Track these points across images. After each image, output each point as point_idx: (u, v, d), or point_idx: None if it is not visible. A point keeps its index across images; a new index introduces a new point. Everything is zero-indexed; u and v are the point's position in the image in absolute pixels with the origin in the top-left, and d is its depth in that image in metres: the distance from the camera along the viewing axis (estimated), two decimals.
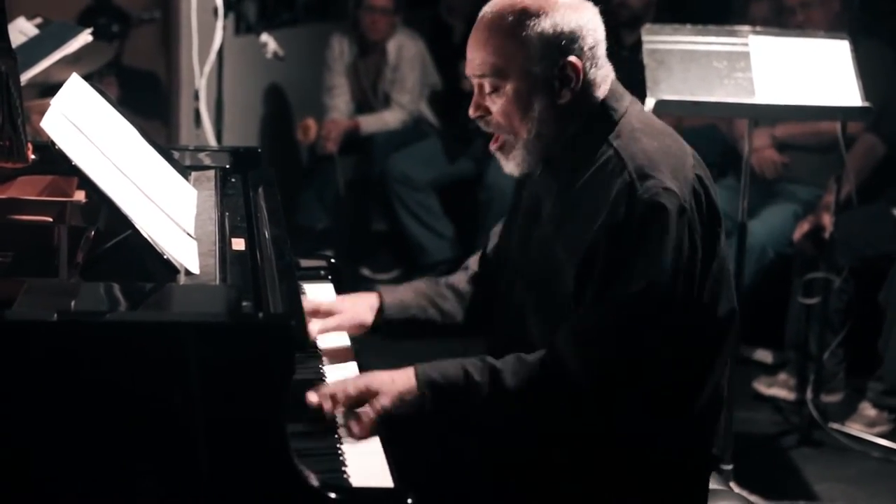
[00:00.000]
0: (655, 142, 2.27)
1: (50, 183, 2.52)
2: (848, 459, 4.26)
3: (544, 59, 2.26)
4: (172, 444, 1.91)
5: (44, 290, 2.05)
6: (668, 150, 2.27)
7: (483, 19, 2.31)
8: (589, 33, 2.29)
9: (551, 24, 2.26)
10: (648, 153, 2.24)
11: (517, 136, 2.32)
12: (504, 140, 2.35)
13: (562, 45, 2.26)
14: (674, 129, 2.40)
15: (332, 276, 2.94)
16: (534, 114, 2.28)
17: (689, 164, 2.27)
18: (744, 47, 3.67)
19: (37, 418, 1.89)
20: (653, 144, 2.26)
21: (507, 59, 2.27)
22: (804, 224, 4.64)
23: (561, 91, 2.28)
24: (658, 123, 2.37)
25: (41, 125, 2.11)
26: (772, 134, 5.03)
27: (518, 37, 2.26)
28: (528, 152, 2.33)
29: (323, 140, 6.12)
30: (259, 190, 2.74)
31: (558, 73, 2.27)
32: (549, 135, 2.30)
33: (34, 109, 3.15)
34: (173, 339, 1.91)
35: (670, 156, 2.26)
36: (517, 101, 2.28)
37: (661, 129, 2.35)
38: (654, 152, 2.24)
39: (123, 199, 2.13)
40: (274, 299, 2.14)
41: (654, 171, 2.20)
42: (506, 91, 2.28)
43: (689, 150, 2.33)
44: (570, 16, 2.28)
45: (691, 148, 2.36)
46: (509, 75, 2.27)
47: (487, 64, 2.28)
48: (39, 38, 3.38)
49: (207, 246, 2.31)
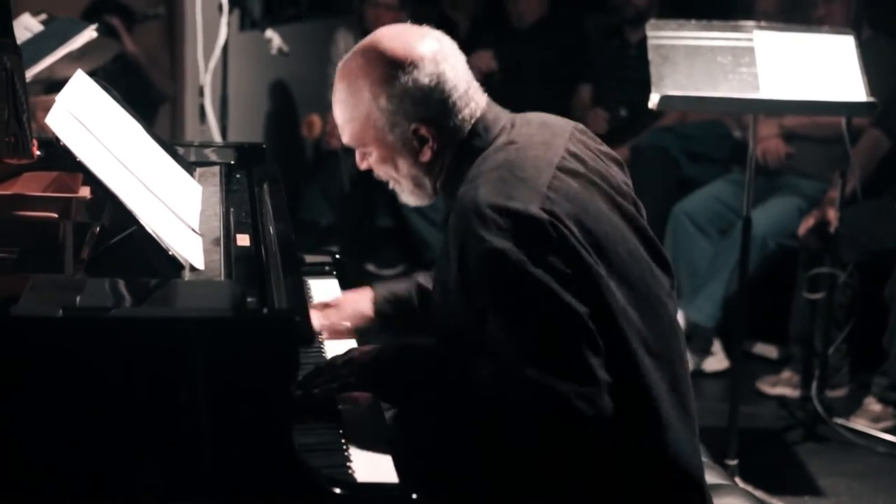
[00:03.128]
0: (500, 173, 2.17)
1: (55, 179, 2.53)
2: (853, 455, 4.25)
3: (395, 129, 2.26)
4: (178, 439, 1.92)
5: (49, 286, 2.06)
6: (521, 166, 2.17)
7: (335, 86, 2.32)
8: (433, 91, 2.25)
9: (389, 97, 2.24)
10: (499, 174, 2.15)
11: (400, 184, 2.36)
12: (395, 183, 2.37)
13: (408, 112, 2.25)
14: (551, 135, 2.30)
15: (336, 271, 2.95)
16: (402, 172, 2.32)
17: (543, 177, 2.16)
18: (748, 42, 3.67)
19: (42, 414, 1.89)
20: (494, 177, 2.16)
21: (362, 132, 2.29)
22: (809, 219, 4.64)
23: (422, 150, 2.28)
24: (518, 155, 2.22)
25: (46, 121, 2.12)
26: (780, 123, 5.02)
27: (363, 113, 2.27)
28: (415, 196, 2.37)
29: (328, 136, 6.12)
30: (264, 186, 2.75)
31: (413, 136, 2.27)
32: (427, 182, 2.33)
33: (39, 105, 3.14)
34: (178, 334, 1.92)
35: (523, 172, 2.16)
36: (384, 164, 2.32)
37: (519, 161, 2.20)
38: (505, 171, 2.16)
39: (128, 196, 2.14)
40: (279, 295, 2.14)
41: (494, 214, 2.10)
42: (374, 156, 2.32)
43: (555, 161, 2.21)
44: (408, 80, 2.23)
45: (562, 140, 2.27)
46: (369, 144, 2.31)
47: (350, 137, 2.32)
48: (44, 34, 3.39)
49: (212, 242, 2.31)
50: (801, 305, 4.66)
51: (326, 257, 3.00)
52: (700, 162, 5.48)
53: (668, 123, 5.58)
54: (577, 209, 2.17)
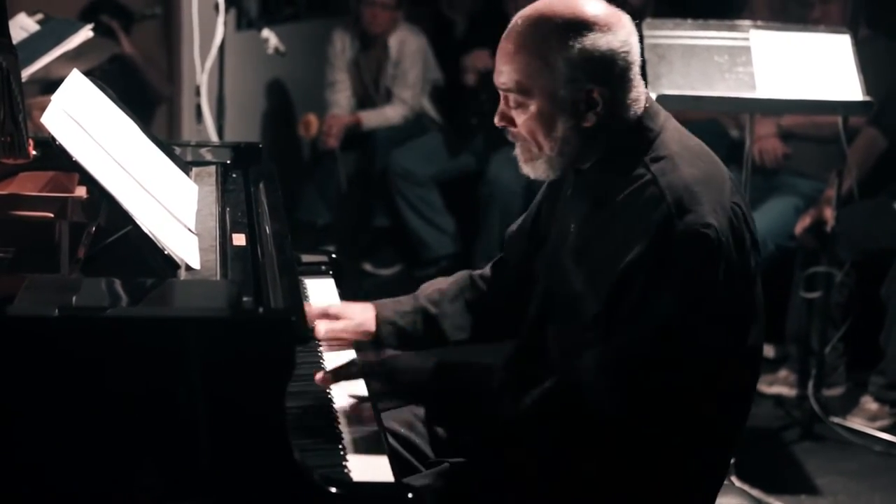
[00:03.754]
0: (695, 169, 2.20)
1: (51, 179, 2.53)
2: (849, 453, 4.26)
3: (570, 84, 2.19)
4: (173, 440, 1.92)
5: (45, 286, 2.06)
6: (709, 178, 2.20)
7: (514, 30, 2.23)
8: (619, 57, 2.20)
9: (579, 49, 2.18)
10: (688, 184, 2.16)
11: (540, 150, 2.26)
12: (526, 148, 2.28)
13: (589, 71, 2.19)
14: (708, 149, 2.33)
15: (333, 271, 2.94)
16: (557, 133, 2.22)
17: (727, 191, 2.20)
18: (745, 42, 3.67)
19: (38, 414, 1.89)
20: (692, 172, 2.19)
21: (533, 78, 2.20)
22: (806, 218, 4.64)
23: (586, 115, 2.21)
24: (695, 144, 2.29)
25: (42, 121, 2.11)
26: (777, 123, 5.03)
27: (545, 58, 2.19)
28: (550, 166, 2.27)
29: (324, 135, 6.12)
30: (260, 185, 2.74)
31: (584, 98, 2.20)
32: (573, 153, 2.25)
33: (35, 105, 3.15)
34: (174, 334, 1.92)
35: (710, 186, 2.18)
36: (541, 120, 2.22)
37: (699, 150, 2.27)
38: (694, 183, 2.17)
39: (124, 195, 2.14)
40: (275, 294, 2.14)
41: (694, 204, 2.14)
42: (530, 109, 2.22)
43: (727, 174, 2.26)
44: (601, 39, 2.18)
45: (728, 172, 2.29)
46: (534, 94, 2.21)
47: (513, 80, 2.22)
48: (40, 34, 3.39)
49: (208, 241, 2.31)
50: (797, 304, 4.67)
51: (323, 257, 3.00)
52: None
53: None
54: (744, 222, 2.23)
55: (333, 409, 2.31)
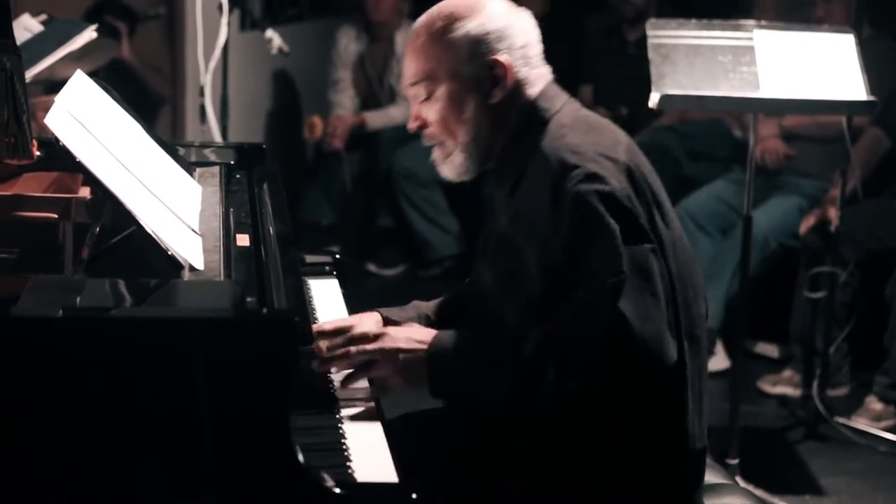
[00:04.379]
0: (583, 136, 2.26)
1: (55, 179, 2.53)
2: (854, 454, 4.25)
3: (473, 59, 2.28)
4: (177, 440, 1.92)
5: (49, 287, 2.06)
6: (597, 142, 2.25)
7: (414, 31, 2.35)
8: (518, 33, 2.31)
9: (478, 24, 2.28)
10: (573, 146, 2.22)
11: (455, 140, 2.33)
12: (443, 146, 2.35)
13: (489, 44, 2.29)
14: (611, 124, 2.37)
15: (336, 271, 2.95)
16: (468, 115, 2.30)
17: (620, 150, 2.25)
18: (748, 41, 3.67)
19: (42, 414, 1.89)
20: (579, 138, 2.25)
21: (436, 62, 2.30)
22: (810, 218, 4.65)
23: (492, 90, 2.29)
24: (591, 119, 2.34)
25: (45, 122, 2.12)
26: (780, 124, 5.03)
27: (445, 40, 2.29)
28: (467, 156, 2.33)
29: (329, 137, 6.13)
30: (264, 186, 2.75)
31: (488, 73, 2.29)
32: (486, 136, 2.31)
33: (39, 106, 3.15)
34: (178, 334, 1.92)
35: (598, 146, 2.23)
36: (450, 104, 2.30)
37: (594, 124, 2.33)
38: (578, 146, 2.22)
39: (128, 196, 2.13)
40: (278, 295, 2.14)
41: (579, 160, 2.18)
42: (438, 95, 2.31)
43: (624, 141, 2.30)
44: (498, 16, 2.30)
45: (629, 139, 2.34)
46: (440, 78, 2.30)
47: (419, 70, 2.32)
48: (44, 34, 3.40)
49: (212, 242, 2.31)
50: (802, 304, 4.66)
51: (327, 257, 3.00)
52: (701, 161, 5.48)
53: (668, 122, 5.58)
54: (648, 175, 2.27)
55: (338, 408, 2.31)
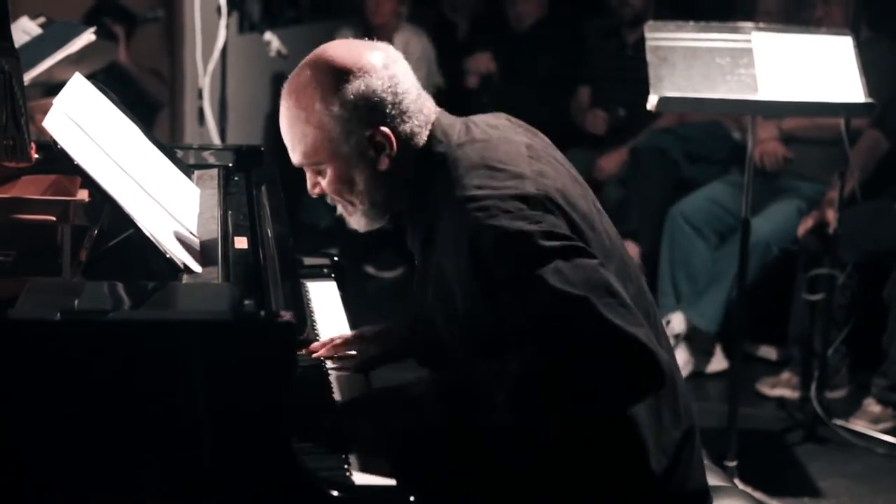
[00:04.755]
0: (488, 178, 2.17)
1: (53, 182, 2.53)
2: (852, 456, 4.25)
3: (350, 137, 2.22)
4: (175, 442, 1.92)
5: (47, 289, 2.06)
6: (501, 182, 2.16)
7: (282, 110, 2.30)
8: (386, 91, 2.23)
9: (342, 103, 2.21)
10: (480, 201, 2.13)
11: (354, 206, 2.31)
12: (344, 206, 2.34)
13: (362, 120, 2.22)
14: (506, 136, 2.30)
15: (335, 274, 2.95)
16: (360, 187, 2.26)
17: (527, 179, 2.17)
18: (746, 44, 3.67)
19: (40, 416, 1.89)
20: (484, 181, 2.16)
21: (314, 148, 2.24)
22: (808, 220, 4.65)
23: (379, 159, 2.24)
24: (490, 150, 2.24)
25: (44, 124, 2.12)
26: (778, 126, 5.03)
27: (315, 124, 2.23)
28: (368, 217, 2.33)
29: None
30: (262, 188, 2.75)
31: (368, 145, 2.23)
32: (383, 199, 2.29)
33: (37, 109, 3.15)
34: (176, 337, 1.92)
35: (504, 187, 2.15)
36: (341, 181, 2.27)
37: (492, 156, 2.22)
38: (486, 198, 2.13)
39: (126, 199, 2.14)
40: (276, 297, 2.14)
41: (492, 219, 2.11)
42: (327, 175, 2.27)
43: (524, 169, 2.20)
44: (360, 85, 2.21)
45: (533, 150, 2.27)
46: (323, 161, 2.26)
47: (302, 156, 2.27)
48: (42, 37, 3.39)
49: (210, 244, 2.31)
50: (800, 307, 4.66)
51: (325, 260, 3.00)
52: (699, 163, 5.48)
53: (666, 125, 5.58)
54: (560, 186, 2.20)
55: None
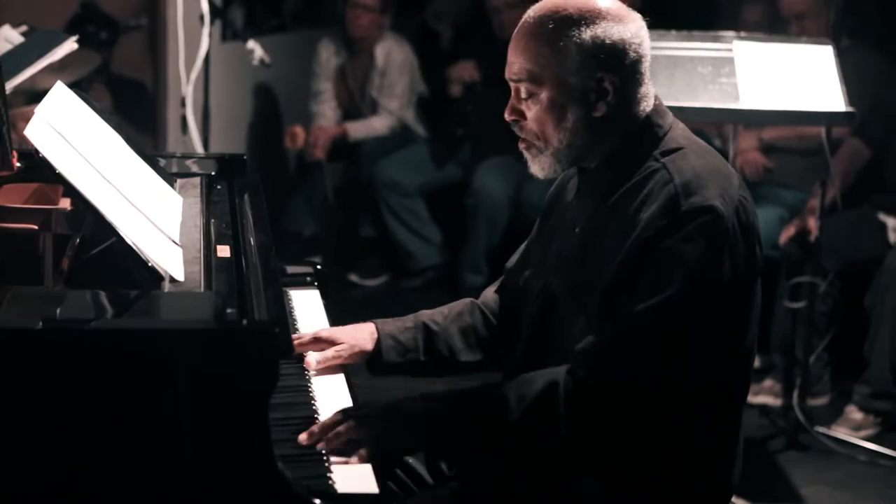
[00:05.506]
0: (703, 160, 2.24)
1: (35, 190, 2.53)
2: (834, 463, 4.26)
3: (581, 71, 2.20)
4: (158, 451, 1.92)
5: (29, 298, 2.06)
6: (716, 169, 2.24)
7: (525, 23, 2.26)
8: (631, 48, 2.22)
9: (591, 36, 2.20)
10: (697, 170, 2.19)
11: (548, 143, 2.26)
12: (533, 144, 2.28)
13: (600, 59, 2.20)
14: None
15: (318, 282, 2.95)
16: (567, 124, 2.23)
17: (735, 184, 2.23)
18: (728, 53, 3.70)
19: (22, 425, 1.89)
20: (700, 162, 2.22)
21: (543, 66, 2.21)
22: (790, 228, 4.67)
23: (597, 104, 2.22)
24: (702, 143, 2.33)
25: (26, 133, 2.12)
26: (759, 136, 5.05)
27: (556, 46, 2.20)
28: (556, 160, 2.27)
29: (311, 147, 6.13)
30: (245, 197, 2.75)
31: (595, 86, 2.21)
32: (582, 146, 2.25)
33: (19, 117, 3.15)
34: (158, 346, 1.92)
35: (718, 175, 2.21)
36: (551, 110, 2.23)
37: (707, 148, 2.32)
38: (701, 169, 2.20)
39: (109, 207, 2.14)
40: (259, 306, 2.15)
41: (700, 188, 2.16)
42: (540, 98, 2.23)
43: (735, 172, 2.30)
44: (613, 28, 2.21)
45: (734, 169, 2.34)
46: (544, 82, 2.22)
47: (524, 70, 2.23)
48: (25, 46, 3.40)
49: (192, 253, 2.32)
50: (782, 314, 4.68)
51: (308, 268, 2.99)
52: None
53: None
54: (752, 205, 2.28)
55: (318, 420, 2.31)
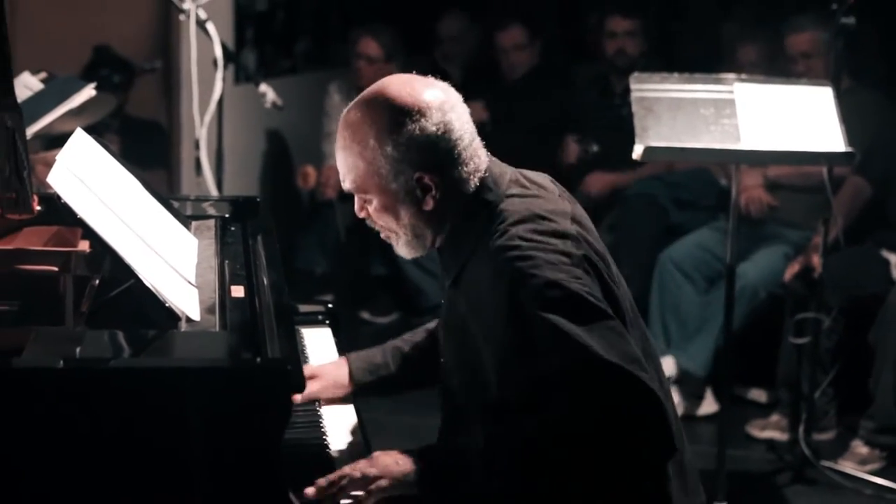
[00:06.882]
0: (532, 230, 2.24)
1: (55, 233, 2.58)
2: (840, 497, 4.29)
3: (399, 176, 2.27)
4: (174, 487, 1.98)
5: (51, 338, 2.12)
6: (546, 240, 2.23)
7: (339, 133, 2.33)
8: (439, 140, 2.27)
9: (396, 146, 2.26)
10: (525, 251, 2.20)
11: (398, 235, 2.37)
12: (387, 235, 2.39)
13: (413, 161, 2.27)
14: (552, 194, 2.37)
15: (329, 321, 3.01)
16: (404, 220, 2.33)
17: (568, 245, 2.24)
18: (729, 94, 3.75)
19: (45, 460, 1.95)
20: (529, 238, 2.22)
21: (363, 179, 2.31)
22: (794, 265, 4.71)
23: (424, 199, 2.30)
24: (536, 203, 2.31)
25: (48, 180, 2.18)
26: (763, 174, 5.11)
27: (367, 159, 2.28)
28: (412, 247, 2.38)
29: (322, 186, 6.20)
30: (258, 238, 2.81)
31: (416, 185, 2.28)
32: (427, 234, 2.35)
33: (39, 160, 3.21)
34: (175, 383, 1.99)
35: (549, 242, 2.22)
36: (385, 212, 2.33)
37: (539, 208, 2.29)
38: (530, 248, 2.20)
39: (127, 249, 2.20)
40: (272, 344, 2.21)
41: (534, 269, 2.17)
42: (374, 204, 2.33)
43: (568, 227, 2.28)
44: (415, 128, 2.26)
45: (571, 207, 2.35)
46: (371, 192, 2.32)
47: (351, 182, 2.33)
48: (44, 92, 3.47)
49: (208, 293, 2.38)
50: (787, 350, 4.72)
51: (319, 307, 3.06)
52: (687, 209, 5.55)
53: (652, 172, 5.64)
54: (599, 252, 2.30)
55: (329, 455, 2.37)
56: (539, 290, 2.15)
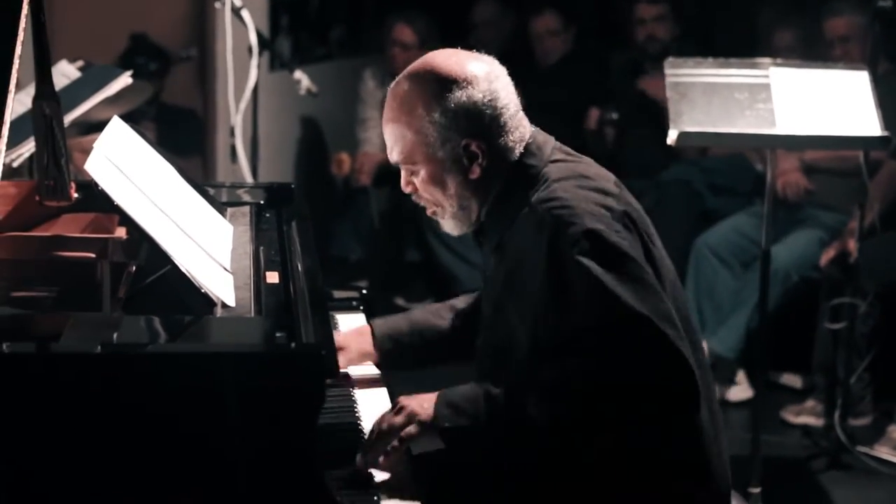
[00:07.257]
0: (575, 188, 2.29)
1: (92, 220, 2.61)
2: (876, 483, 4.28)
3: (446, 144, 2.32)
4: (209, 471, 2.00)
5: (88, 324, 2.14)
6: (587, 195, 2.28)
7: (386, 109, 2.37)
8: (486, 108, 2.32)
9: (443, 112, 2.30)
10: (565, 201, 2.26)
11: (444, 208, 2.40)
12: (435, 210, 2.42)
13: (460, 129, 2.31)
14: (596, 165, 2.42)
15: (363, 306, 3.02)
16: (451, 191, 2.36)
17: (612, 196, 2.30)
18: (764, 79, 3.74)
19: (83, 444, 1.97)
20: (571, 191, 2.28)
21: (412, 149, 2.35)
22: (830, 250, 4.69)
23: (471, 167, 2.34)
24: (581, 167, 2.38)
25: (85, 167, 2.20)
26: (800, 157, 5.09)
27: (416, 129, 2.32)
28: (459, 221, 2.42)
29: (357, 173, 6.22)
30: (292, 224, 2.83)
31: (463, 153, 2.33)
32: (473, 205, 2.38)
33: (75, 147, 3.24)
34: (210, 368, 2.01)
35: (590, 198, 2.27)
36: (433, 182, 2.36)
37: (583, 171, 2.36)
38: (571, 200, 2.26)
39: (163, 236, 2.22)
40: (306, 330, 2.22)
41: (575, 216, 2.23)
42: (421, 175, 2.37)
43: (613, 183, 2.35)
44: (462, 96, 2.31)
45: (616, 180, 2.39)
46: (418, 161, 2.35)
47: (399, 154, 2.37)
48: (81, 80, 3.50)
49: (243, 279, 2.40)
50: (823, 335, 4.70)
51: (354, 293, 3.07)
52: (723, 195, 5.54)
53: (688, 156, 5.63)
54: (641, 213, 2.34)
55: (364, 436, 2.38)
56: (578, 237, 2.20)
